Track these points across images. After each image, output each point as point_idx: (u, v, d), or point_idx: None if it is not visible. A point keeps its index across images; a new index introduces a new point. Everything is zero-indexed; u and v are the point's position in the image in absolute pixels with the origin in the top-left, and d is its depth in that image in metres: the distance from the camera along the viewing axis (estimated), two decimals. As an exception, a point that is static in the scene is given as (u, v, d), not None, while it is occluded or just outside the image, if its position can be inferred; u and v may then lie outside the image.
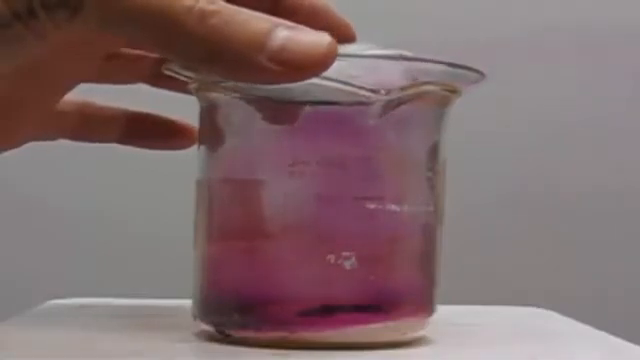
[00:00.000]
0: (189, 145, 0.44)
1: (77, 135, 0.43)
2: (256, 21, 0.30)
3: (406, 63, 0.34)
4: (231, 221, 0.35)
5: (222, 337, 0.35)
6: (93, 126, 0.43)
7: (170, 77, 0.39)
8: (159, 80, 0.43)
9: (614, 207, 0.76)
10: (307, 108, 0.34)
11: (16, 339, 0.36)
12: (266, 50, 0.30)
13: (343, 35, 0.38)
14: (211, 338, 0.36)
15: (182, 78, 0.36)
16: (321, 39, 0.30)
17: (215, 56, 0.30)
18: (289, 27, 0.30)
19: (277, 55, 0.30)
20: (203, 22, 0.30)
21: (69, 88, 0.40)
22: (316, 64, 0.30)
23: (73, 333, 0.37)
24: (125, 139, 0.44)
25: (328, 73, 0.31)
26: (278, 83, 0.31)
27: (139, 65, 0.42)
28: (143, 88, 0.44)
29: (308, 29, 0.31)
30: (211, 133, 0.36)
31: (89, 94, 0.43)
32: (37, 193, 0.73)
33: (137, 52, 0.42)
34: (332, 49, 0.30)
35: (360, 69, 0.34)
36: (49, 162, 0.72)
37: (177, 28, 0.30)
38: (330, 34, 0.31)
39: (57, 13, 0.30)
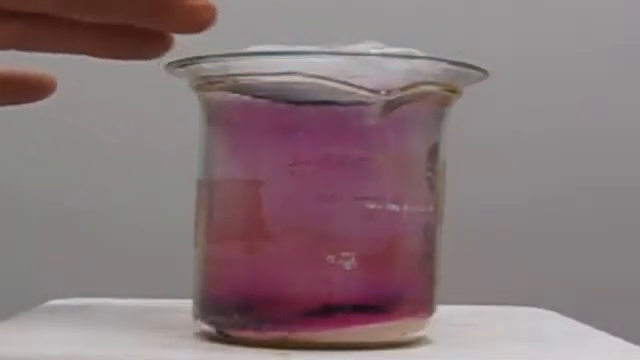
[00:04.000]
0: (47, 96, 0.42)
1: None
2: None
3: (410, 61, 0.34)
4: (231, 221, 0.35)
5: (222, 337, 0.35)
6: None
7: (113, 46, 0.38)
8: (100, 49, 0.39)
9: (614, 207, 0.75)
10: (307, 108, 0.34)
11: (16, 339, 0.36)
12: None
13: None
14: (211, 338, 0.36)
15: (184, 77, 0.36)
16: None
17: None
18: None
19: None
20: None
21: None
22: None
23: (73, 333, 0.37)
24: None
25: (329, 73, 0.31)
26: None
27: (73, 31, 0.38)
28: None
29: None
30: (211, 133, 0.36)
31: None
32: (37, 193, 0.73)
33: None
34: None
35: (364, 68, 0.34)
36: (49, 162, 0.71)
37: None
38: None
39: None
